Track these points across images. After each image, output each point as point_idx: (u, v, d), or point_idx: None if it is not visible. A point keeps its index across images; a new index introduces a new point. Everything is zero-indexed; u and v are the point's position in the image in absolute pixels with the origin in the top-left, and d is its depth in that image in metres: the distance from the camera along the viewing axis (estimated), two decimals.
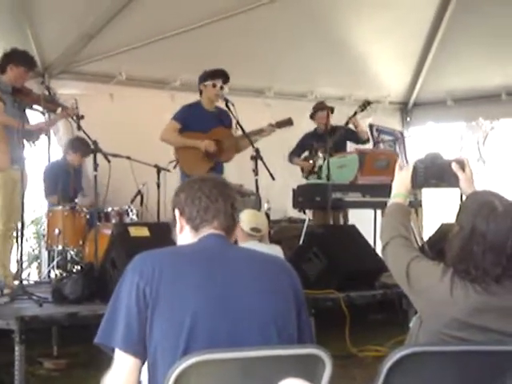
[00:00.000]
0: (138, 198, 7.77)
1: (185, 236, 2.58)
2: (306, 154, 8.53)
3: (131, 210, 7.53)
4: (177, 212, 2.59)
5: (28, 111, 6.43)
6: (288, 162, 8.61)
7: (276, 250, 5.47)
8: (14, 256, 6.48)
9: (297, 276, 2.58)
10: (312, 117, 8.65)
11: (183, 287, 2.36)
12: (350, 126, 8.40)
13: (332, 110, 8.57)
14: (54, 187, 7.75)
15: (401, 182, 2.99)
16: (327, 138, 8.01)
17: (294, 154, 8.59)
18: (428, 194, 10.03)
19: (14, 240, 6.43)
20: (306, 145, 8.50)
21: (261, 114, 9.38)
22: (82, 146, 7.45)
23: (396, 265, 2.73)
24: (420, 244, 8.05)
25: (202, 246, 2.51)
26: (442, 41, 10.21)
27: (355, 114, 8.34)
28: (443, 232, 7.48)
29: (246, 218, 5.44)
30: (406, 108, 11.49)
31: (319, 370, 2.25)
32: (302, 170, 8.48)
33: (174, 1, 8.16)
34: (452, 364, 2.30)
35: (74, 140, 7.82)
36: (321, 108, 8.60)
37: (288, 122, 7.32)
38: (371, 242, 7.91)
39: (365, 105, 8.38)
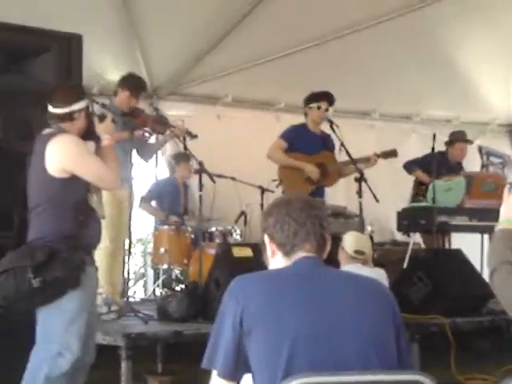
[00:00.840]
0: (242, 218, 7.83)
1: (277, 261, 2.57)
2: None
3: (235, 231, 7.59)
4: (267, 238, 2.59)
5: None
6: (404, 169, 8.35)
7: (380, 274, 5.40)
8: (121, 274, 6.62)
9: (394, 299, 2.55)
10: (450, 144, 8.37)
11: (280, 311, 2.36)
12: None
13: (471, 143, 8.42)
14: (155, 196, 7.92)
15: (510, 207, 2.91)
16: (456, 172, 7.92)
17: (417, 164, 8.28)
18: None
19: (121, 258, 6.58)
20: (432, 166, 7.78)
21: (365, 135, 9.34)
22: (187, 156, 7.61)
23: (504, 292, 2.65)
24: None
25: (296, 269, 2.51)
26: None
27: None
28: None
29: (350, 240, 5.40)
30: None
31: None
32: (419, 184, 8.23)
33: (281, 24, 8.21)
34: None
35: (178, 153, 7.96)
36: (463, 140, 8.39)
37: (393, 154, 7.24)
38: (478, 267, 7.73)
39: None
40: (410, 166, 8.34)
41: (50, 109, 4.07)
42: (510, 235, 2.84)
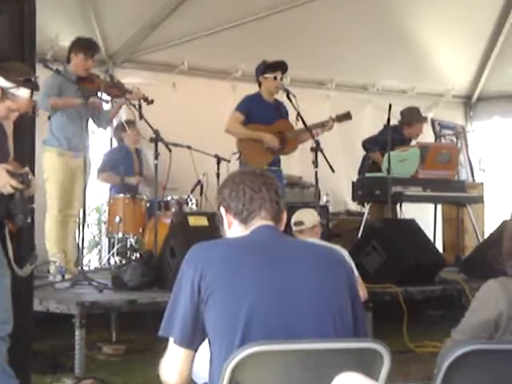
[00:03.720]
0: (198, 187, 7.81)
1: (234, 231, 2.57)
2: None
3: (191, 200, 7.57)
4: (222, 209, 2.58)
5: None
6: (364, 148, 8.31)
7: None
8: (75, 242, 6.58)
9: (351, 268, 2.58)
10: (407, 123, 8.28)
11: (238, 279, 2.36)
12: None
13: (426, 121, 8.46)
14: (109, 166, 7.86)
15: None
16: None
17: (376, 145, 8.16)
18: (490, 190, 9.90)
19: (76, 226, 6.53)
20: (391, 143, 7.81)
21: (320, 106, 9.36)
22: (131, 123, 7.55)
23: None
24: (480, 241, 7.94)
25: (255, 237, 2.51)
26: (509, 32, 10.02)
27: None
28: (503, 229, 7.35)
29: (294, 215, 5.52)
30: (470, 102, 11.30)
31: (377, 364, 2.24)
32: (373, 164, 8.19)
33: None
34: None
35: (126, 121, 7.87)
36: (422, 119, 8.37)
37: (347, 116, 7.26)
38: (431, 237, 7.84)
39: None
40: (370, 146, 8.26)
41: None
42: None
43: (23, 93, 3.72)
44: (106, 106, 7.00)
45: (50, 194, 6.43)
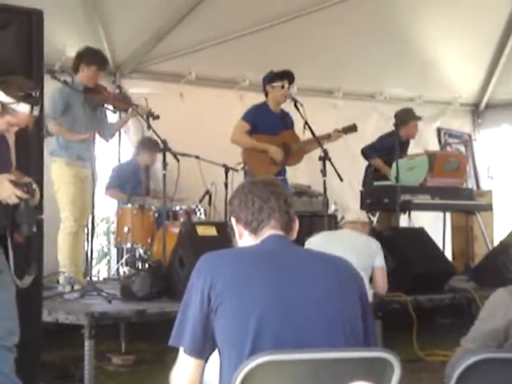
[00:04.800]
0: (206, 197, 7.81)
1: (245, 241, 2.57)
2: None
3: (199, 210, 7.57)
4: (233, 220, 2.58)
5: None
6: (363, 156, 8.31)
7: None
8: (83, 253, 6.58)
9: (361, 277, 2.57)
10: (403, 124, 8.21)
11: (248, 289, 2.36)
12: None
13: (421, 120, 8.47)
14: (117, 183, 7.87)
15: None
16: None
17: (375, 152, 8.19)
18: (498, 198, 9.87)
19: (85, 237, 6.53)
20: (391, 149, 7.86)
21: (327, 114, 9.36)
22: (153, 145, 7.53)
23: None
24: (490, 249, 7.92)
25: (264, 247, 2.50)
26: None
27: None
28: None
29: None
30: (478, 110, 11.28)
31: (387, 373, 2.23)
32: (375, 170, 8.20)
33: (245, 1, 8.19)
34: None
35: (144, 140, 7.92)
36: (416, 118, 8.33)
37: (353, 129, 7.25)
38: (440, 245, 7.82)
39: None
40: (369, 153, 8.26)
41: None
42: None
43: (23, 108, 3.72)
44: (112, 118, 7.01)
45: (63, 205, 6.41)
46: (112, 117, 7.07)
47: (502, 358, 2.28)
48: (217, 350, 2.39)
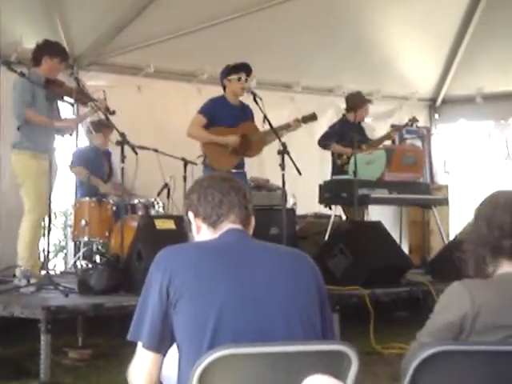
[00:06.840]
0: (165, 190, 7.78)
1: (203, 235, 2.56)
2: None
3: (157, 203, 7.54)
4: (191, 214, 2.57)
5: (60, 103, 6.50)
6: (321, 147, 8.34)
7: None
8: (40, 246, 6.52)
9: (319, 271, 2.58)
10: (353, 109, 8.20)
11: (207, 283, 2.35)
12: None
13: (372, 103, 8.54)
14: (81, 161, 7.83)
15: None
16: (365, 132, 7.99)
17: (331, 139, 8.20)
18: (454, 192, 9.99)
19: (42, 230, 6.47)
20: (346, 134, 7.99)
21: (286, 108, 9.38)
22: (103, 126, 7.52)
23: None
24: (446, 242, 8.01)
25: (223, 240, 2.50)
26: (473, 37, 10.14)
27: (403, 126, 8.35)
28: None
29: None
30: (435, 105, 11.40)
31: (345, 366, 2.24)
32: (338, 156, 8.19)
33: None
34: (484, 364, 2.26)
35: (94, 121, 7.81)
36: (367, 101, 8.41)
37: (313, 118, 7.27)
38: (397, 239, 7.88)
39: (412, 121, 8.36)
40: (325, 142, 8.27)
41: None
42: None
43: None
44: (69, 111, 6.96)
45: (28, 197, 6.35)
46: (65, 110, 7.00)
47: (458, 350, 2.30)
48: (175, 345, 2.39)
